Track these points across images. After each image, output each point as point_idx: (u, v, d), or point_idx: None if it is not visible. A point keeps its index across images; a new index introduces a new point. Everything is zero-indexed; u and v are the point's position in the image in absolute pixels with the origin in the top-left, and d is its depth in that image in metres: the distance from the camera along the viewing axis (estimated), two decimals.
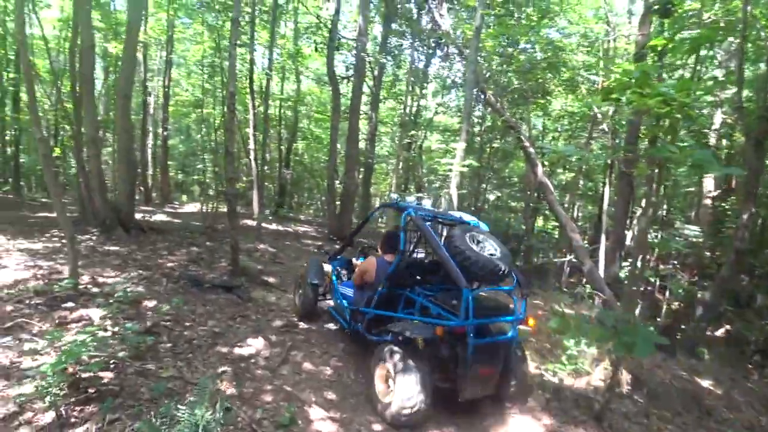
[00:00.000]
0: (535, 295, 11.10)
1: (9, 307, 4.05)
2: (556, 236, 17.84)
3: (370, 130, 12.33)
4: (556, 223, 20.15)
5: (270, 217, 14.61)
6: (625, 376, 4.30)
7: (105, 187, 7.42)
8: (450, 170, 6.69)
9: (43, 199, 13.15)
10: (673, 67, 8.47)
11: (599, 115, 10.02)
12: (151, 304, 4.78)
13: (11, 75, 13.48)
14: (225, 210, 17.23)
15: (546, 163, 12.07)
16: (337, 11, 10.40)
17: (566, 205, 14.42)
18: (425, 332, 2.91)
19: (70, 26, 10.38)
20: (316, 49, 11.57)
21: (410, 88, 12.83)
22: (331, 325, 5.03)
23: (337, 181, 11.35)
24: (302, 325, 4.91)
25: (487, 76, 10.28)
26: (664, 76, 7.04)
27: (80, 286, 4.81)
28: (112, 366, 3.32)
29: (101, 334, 3.77)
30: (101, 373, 3.19)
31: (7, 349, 3.33)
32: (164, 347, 3.80)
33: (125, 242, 7.06)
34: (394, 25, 11.64)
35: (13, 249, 5.94)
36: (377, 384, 3.27)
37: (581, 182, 13.34)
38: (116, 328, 3.83)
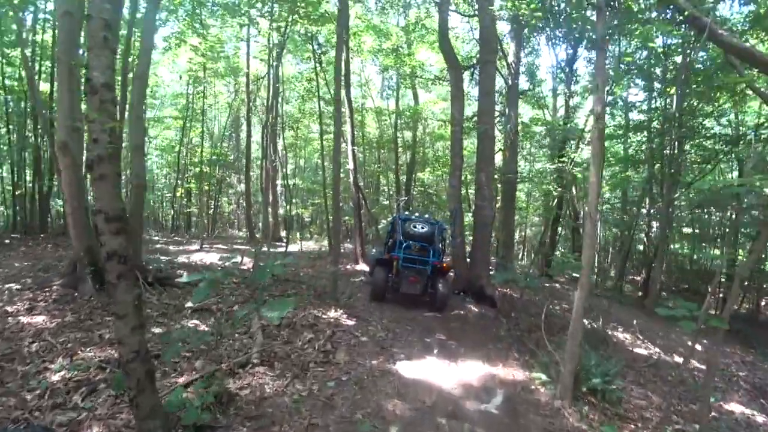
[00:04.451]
0: None
1: None
2: None
3: (507, 134, 8.02)
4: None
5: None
6: None
7: (83, 215, 4.80)
8: None
9: None
10: None
11: None
12: None
13: None
14: (328, 249, 14.40)
15: None
16: None
17: None
18: (382, 256, 6.81)
19: None
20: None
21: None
22: None
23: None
24: None
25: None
26: None
27: None
28: None
29: None
30: None
31: None
32: None
33: (76, 307, 4.14)
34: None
35: None
36: None
37: None
38: None
